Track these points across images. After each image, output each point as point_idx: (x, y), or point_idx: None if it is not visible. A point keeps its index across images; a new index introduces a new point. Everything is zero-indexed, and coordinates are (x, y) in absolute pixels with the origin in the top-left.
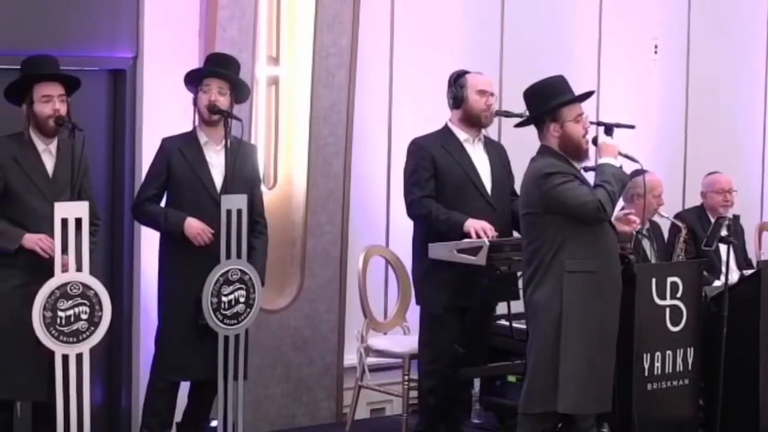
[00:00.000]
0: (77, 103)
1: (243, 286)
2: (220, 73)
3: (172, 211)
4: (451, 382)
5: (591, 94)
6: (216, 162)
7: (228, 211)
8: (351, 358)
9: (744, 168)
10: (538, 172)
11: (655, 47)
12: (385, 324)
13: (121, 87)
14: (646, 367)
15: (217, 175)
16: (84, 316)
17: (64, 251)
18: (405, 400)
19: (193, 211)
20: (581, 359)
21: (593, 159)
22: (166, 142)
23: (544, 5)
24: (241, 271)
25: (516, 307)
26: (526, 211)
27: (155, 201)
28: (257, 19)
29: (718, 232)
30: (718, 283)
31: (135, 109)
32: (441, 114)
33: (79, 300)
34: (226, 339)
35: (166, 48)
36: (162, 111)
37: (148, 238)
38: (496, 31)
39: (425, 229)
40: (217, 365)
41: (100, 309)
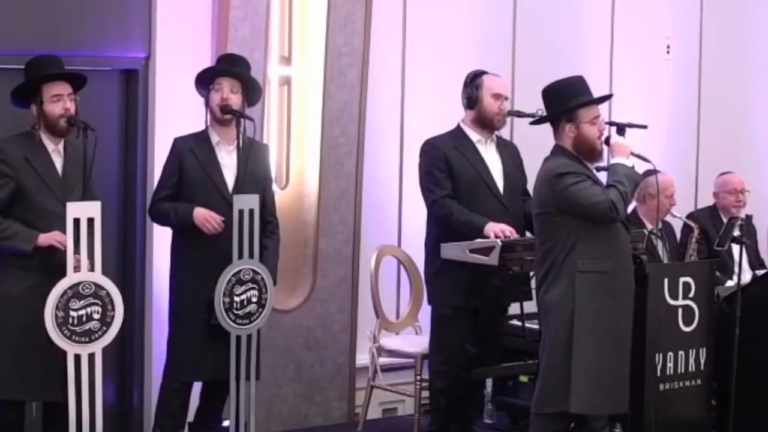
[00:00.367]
0: (90, 103)
1: (255, 285)
2: (231, 71)
3: (182, 204)
4: (463, 383)
5: (609, 97)
6: (228, 162)
7: (240, 211)
8: (363, 358)
9: (756, 168)
10: (551, 172)
11: (667, 47)
12: (397, 324)
13: (133, 87)
14: (659, 367)
15: (228, 175)
16: (96, 316)
17: (76, 251)
18: (417, 400)
19: None
20: (594, 359)
21: (606, 159)
22: (178, 142)
23: (556, 4)
24: (253, 270)
25: (529, 307)
26: (538, 211)
27: (169, 201)
28: (269, 19)
29: (730, 233)
30: (730, 283)
31: (147, 109)
32: (453, 114)
33: (92, 300)
34: (239, 339)
35: (178, 48)
36: (174, 111)
37: (160, 238)
38: (508, 31)
39: (441, 230)
40: (230, 365)
41: (112, 309)
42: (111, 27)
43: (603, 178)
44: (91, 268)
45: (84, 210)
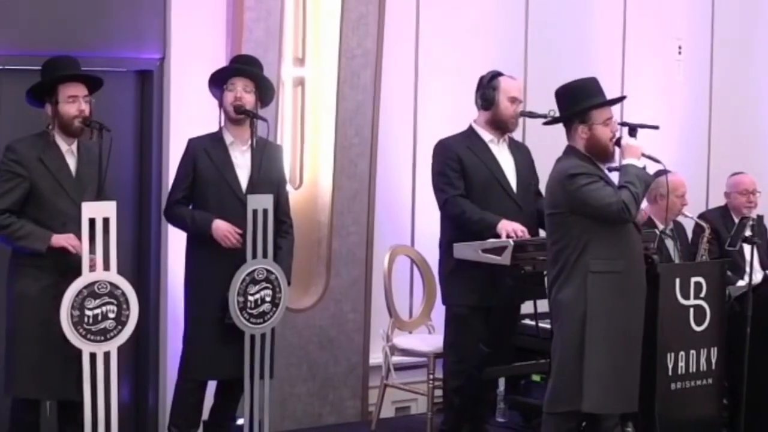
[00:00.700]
0: (105, 104)
1: (269, 285)
2: (244, 71)
3: (199, 213)
4: (475, 382)
5: (622, 99)
6: (242, 162)
7: (254, 211)
8: (376, 356)
9: None
10: (564, 173)
11: (679, 48)
12: (410, 323)
13: (148, 88)
14: (670, 366)
15: (242, 175)
16: (111, 315)
17: (92, 251)
18: (430, 399)
19: (219, 211)
20: (606, 359)
21: (617, 159)
22: (192, 143)
23: (568, 6)
24: (267, 270)
25: (541, 306)
26: (551, 212)
27: (184, 203)
28: (283, 20)
29: (741, 233)
30: (741, 282)
31: (162, 109)
32: (466, 115)
33: (107, 299)
34: (253, 338)
35: (193, 49)
36: (189, 112)
37: (175, 238)
38: (521, 32)
39: (455, 229)
40: (244, 364)
41: (128, 308)
42: (126, 29)
43: (614, 178)
44: (107, 268)
45: (99, 210)
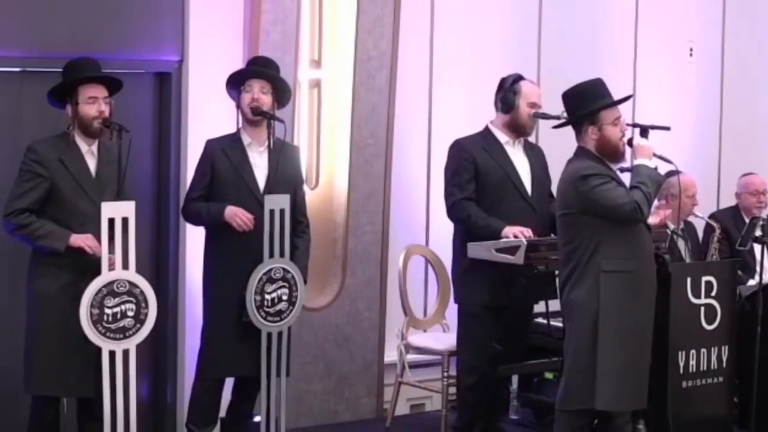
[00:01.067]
0: (124, 105)
1: (286, 284)
2: (261, 72)
3: (214, 204)
4: (489, 380)
5: (629, 98)
6: (259, 163)
7: (271, 211)
8: (391, 355)
9: None
10: (576, 174)
11: (691, 50)
12: (425, 321)
13: (166, 90)
14: (681, 364)
15: (260, 175)
16: (130, 314)
17: (111, 250)
18: (444, 397)
19: None
20: (618, 357)
21: (629, 160)
22: (210, 144)
23: (581, 8)
24: (284, 269)
25: (553, 305)
26: (562, 212)
27: (201, 202)
28: (300, 23)
29: (752, 232)
30: (752, 282)
31: (180, 111)
32: (481, 116)
33: (126, 297)
34: (269, 336)
35: (210, 52)
36: (207, 113)
37: (193, 237)
38: (534, 34)
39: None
40: (261, 362)
41: (146, 306)
42: (145, 31)
43: (626, 179)
44: (125, 267)
45: (118, 210)
